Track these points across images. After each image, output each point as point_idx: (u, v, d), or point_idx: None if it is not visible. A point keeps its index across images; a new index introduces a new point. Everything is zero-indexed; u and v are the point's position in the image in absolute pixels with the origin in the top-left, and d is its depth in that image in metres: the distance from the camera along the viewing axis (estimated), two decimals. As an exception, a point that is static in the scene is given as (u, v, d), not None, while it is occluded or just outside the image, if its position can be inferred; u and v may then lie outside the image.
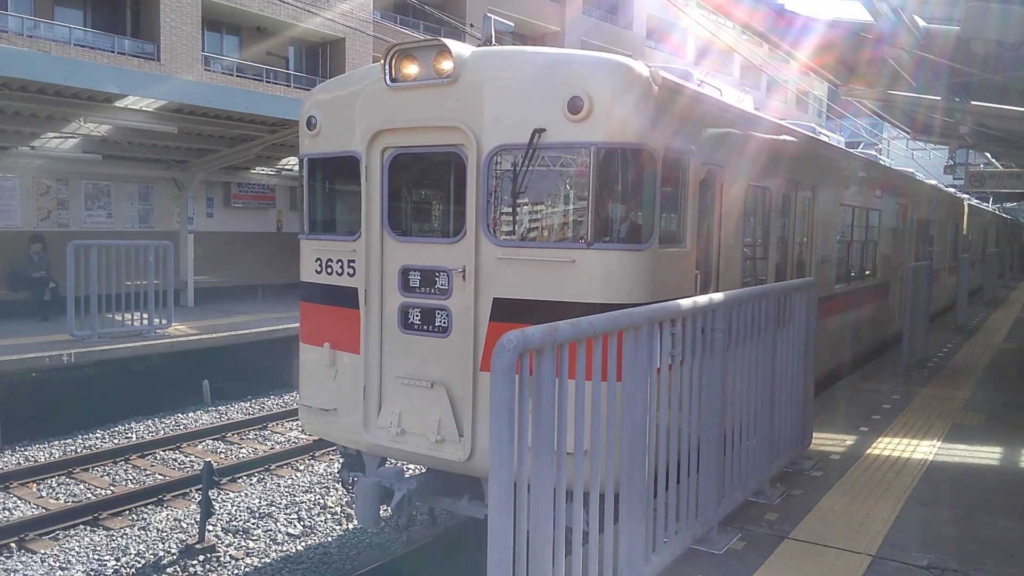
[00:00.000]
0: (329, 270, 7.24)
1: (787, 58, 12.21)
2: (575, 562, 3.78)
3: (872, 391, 10.38)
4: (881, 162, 17.09)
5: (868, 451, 7.53)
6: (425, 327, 6.68)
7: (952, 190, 23.51)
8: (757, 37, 10.83)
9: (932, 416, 9.02)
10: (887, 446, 7.73)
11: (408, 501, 6.76)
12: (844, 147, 12.99)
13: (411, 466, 8.62)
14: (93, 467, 10.79)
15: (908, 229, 15.84)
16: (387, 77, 6.58)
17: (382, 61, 6.58)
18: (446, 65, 6.33)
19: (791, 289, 6.37)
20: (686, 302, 4.72)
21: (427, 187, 7.53)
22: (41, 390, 12.31)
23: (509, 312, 6.21)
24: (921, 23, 8.92)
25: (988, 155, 23.37)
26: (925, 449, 7.64)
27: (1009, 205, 45.13)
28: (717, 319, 4.99)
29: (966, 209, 23.98)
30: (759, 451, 5.89)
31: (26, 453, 11.33)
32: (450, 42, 6.34)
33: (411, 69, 6.50)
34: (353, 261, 7.00)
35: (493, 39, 7.07)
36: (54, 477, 10.38)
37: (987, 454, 7.65)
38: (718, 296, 5.10)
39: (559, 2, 42.42)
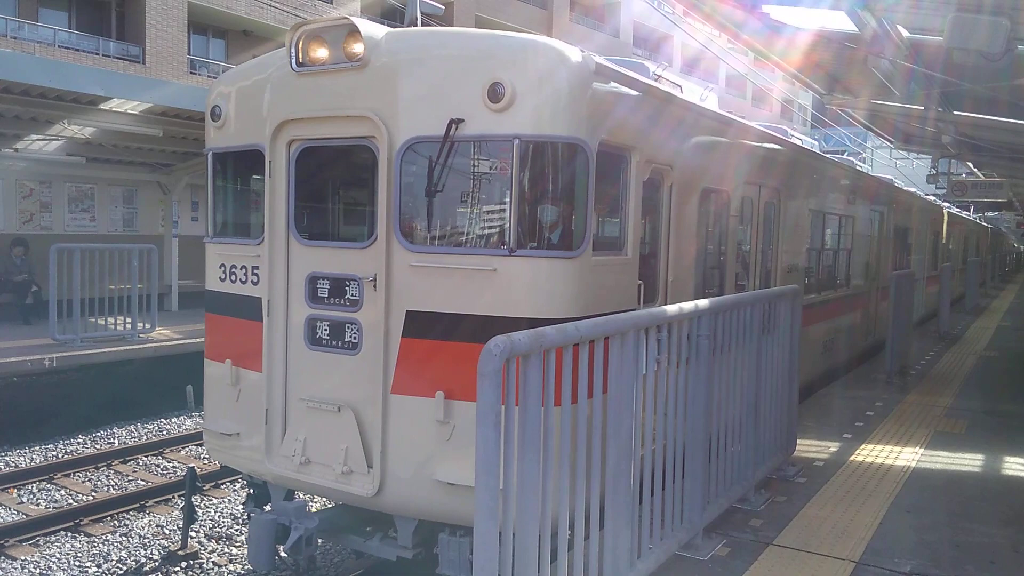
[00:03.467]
0: (233, 278, 6.56)
1: (772, 67, 12.28)
2: (560, 567, 3.78)
3: (856, 398, 10.44)
4: (857, 167, 16.79)
5: (852, 458, 7.57)
6: (334, 343, 6.02)
7: (932, 198, 23.65)
8: (745, 47, 10.89)
9: (915, 423, 9.08)
10: (870, 453, 7.77)
11: (307, 541, 6.03)
12: (818, 151, 12.71)
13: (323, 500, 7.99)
14: (75, 472, 10.68)
15: (886, 237, 15.56)
16: (293, 61, 5.97)
17: (287, 43, 5.97)
18: (356, 48, 5.71)
19: (776, 296, 6.40)
20: (672, 308, 4.74)
21: (338, 185, 6.85)
22: (22, 394, 12.18)
23: (424, 326, 5.61)
24: (906, 33, 9.00)
25: (970, 165, 23.60)
26: (908, 456, 7.69)
27: (991, 214, 45.57)
28: (702, 326, 5.00)
29: (946, 217, 23.96)
30: (744, 457, 5.91)
31: (7, 458, 11.21)
32: (360, 22, 5.71)
33: (320, 52, 5.89)
34: (257, 268, 6.33)
35: (419, 22, 6.49)
36: (35, 483, 10.27)
37: (969, 461, 7.71)
38: (703, 303, 5.12)
39: (547, 10, 42.58)
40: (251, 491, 7.05)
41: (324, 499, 7.74)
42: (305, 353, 6.16)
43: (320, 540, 6.38)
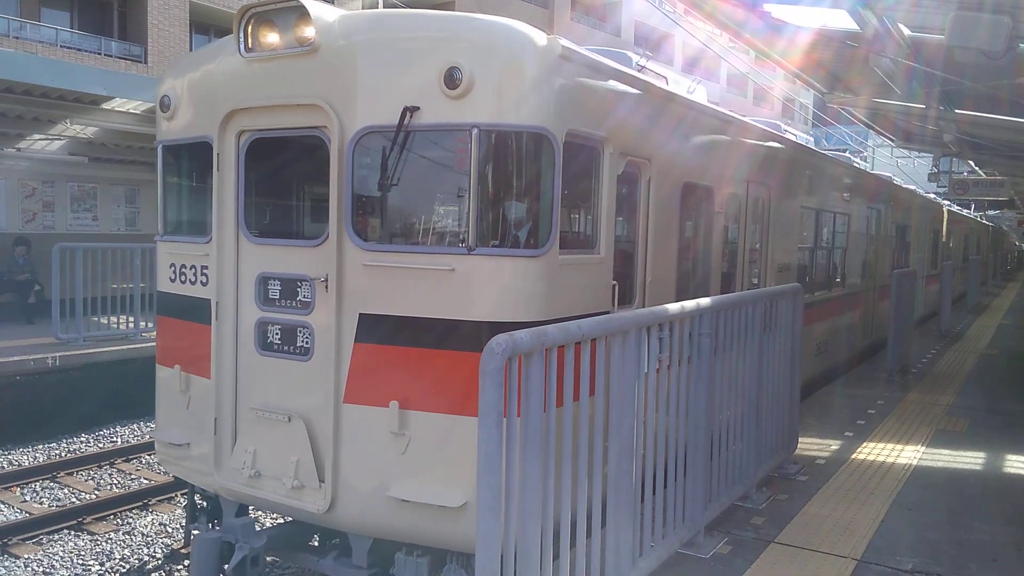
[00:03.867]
0: (183, 278, 6.22)
1: (774, 65, 12.29)
2: (563, 566, 3.79)
3: (857, 396, 10.45)
4: (854, 164, 16.38)
5: (853, 456, 7.57)
6: (286, 348, 5.67)
7: (933, 196, 23.52)
8: (747, 45, 10.89)
9: (916, 421, 9.08)
10: (872, 451, 7.78)
11: (253, 561, 5.69)
12: (812, 147, 12.19)
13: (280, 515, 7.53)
14: (78, 471, 10.70)
15: (884, 236, 15.23)
16: (241, 46, 5.62)
17: (234, 27, 5.64)
18: (307, 32, 5.37)
19: (778, 295, 6.40)
20: (674, 307, 4.74)
21: (290, 178, 6.52)
22: (25, 393, 12.19)
23: (378, 331, 5.26)
24: (907, 32, 9.00)
25: (971, 163, 23.59)
26: (909, 454, 7.70)
27: (992, 213, 45.53)
28: (704, 324, 5.01)
29: (945, 215, 23.72)
30: (746, 455, 5.92)
31: (10, 457, 11.23)
32: (312, 3, 5.37)
33: (271, 37, 5.55)
34: (207, 268, 5.97)
35: (380, 3, 6.25)
36: (38, 481, 10.29)
37: (971, 459, 7.72)
38: (705, 301, 5.13)
39: (548, 9, 42.56)
40: (204, 505, 6.69)
41: (277, 515, 7.39)
42: (256, 359, 5.80)
43: (270, 559, 6.00)
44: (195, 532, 6.31)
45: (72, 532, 8.87)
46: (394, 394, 5.17)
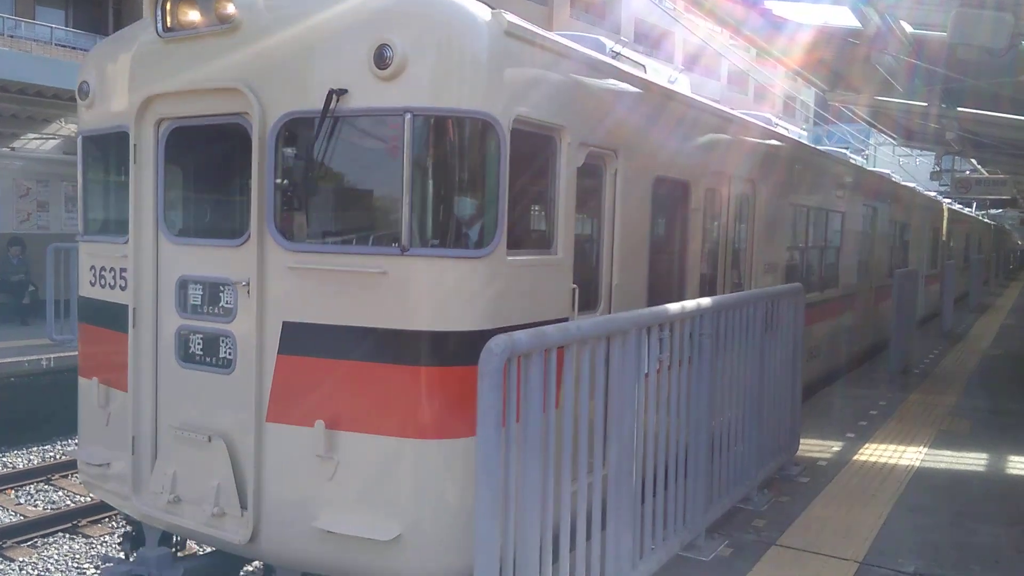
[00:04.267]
0: (103, 281, 5.74)
1: (775, 63, 12.24)
2: (562, 568, 3.73)
3: (859, 397, 10.38)
4: (851, 160, 15.71)
5: (855, 457, 7.51)
6: (208, 359, 5.15)
7: (933, 194, 23.35)
8: (747, 43, 10.84)
9: (919, 422, 9.02)
10: (874, 452, 7.71)
11: None
12: (804, 142, 11.76)
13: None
14: (72, 474, 10.62)
15: (881, 235, 14.75)
16: (158, 25, 5.15)
17: (151, 4, 5.18)
18: (228, 8, 4.92)
19: (779, 295, 6.34)
20: (675, 307, 4.68)
21: (213, 171, 5.94)
22: (19, 395, 12.13)
23: (303, 341, 4.75)
24: (909, 29, 8.94)
25: (974, 161, 23.56)
26: (912, 455, 7.64)
27: (994, 211, 45.53)
28: (705, 324, 4.95)
29: (946, 214, 23.41)
30: (747, 457, 5.86)
31: (4, 459, 11.17)
32: None
33: (191, 15, 5.08)
34: (125, 270, 5.48)
35: None
36: (33, 484, 10.24)
37: (974, 460, 7.65)
38: (706, 301, 5.06)
39: (547, 6, 42.53)
40: (129, 530, 6.19)
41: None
42: (176, 371, 5.27)
43: None
44: (103, 564, 5.85)
45: (67, 535, 8.81)
46: (320, 412, 4.67)
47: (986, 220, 40.67)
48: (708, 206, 7.56)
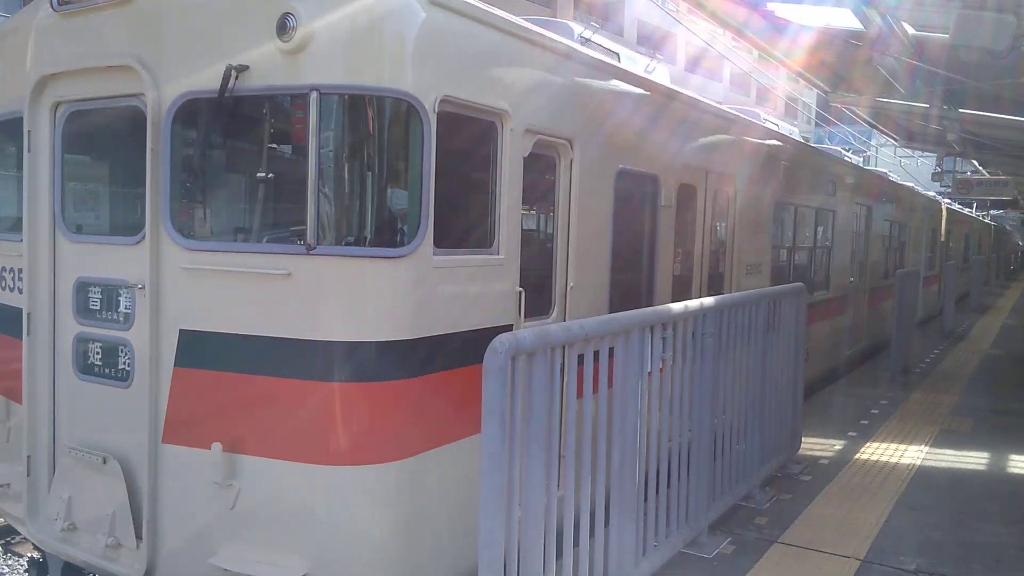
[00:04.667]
0: (2, 284, 5.26)
1: (777, 65, 12.28)
2: (565, 565, 3.78)
3: (860, 396, 10.42)
4: (846, 158, 15.21)
5: (857, 456, 7.55)
6: (106, 371, 4.61)
7: (933, 194, 23.11)
8: (750, 45, 10.88)
9: (920, 421, 9.05)
10: (875, 451, 7.75)
11: None
12: (795, 137, 11.27)
13: None
14: None
15: (876, 235, 14.20)
16: None
17: None
18: None
19: (781, 295, 6.38)
20: (677, 306, 4.72)
21: (113, 160, 5.38)
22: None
23: (202, 352, 4.25)
24: (911, 30, 8.98)
25: (975, 163, 23.57)
26: (913, 454, 7.67)
27: (995, 212, 45.51)
28: (708, 324, 5.00)
29: (945, 214, 22.89)
30: (749, 455, 5.90)
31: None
32: None
33: None
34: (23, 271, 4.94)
35: None
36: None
37: (975, 459, 7.69)
38: (709, 300, 5.11)
39: (551, 8, 42.53)
40: (36, 556, 5.61)
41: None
42: (74, 383, 4.74)
43: None
44: None
45: None
46: (219, 433, 4.16)
47: (986, 221, 40.57)
48: (682, 203, 7.00)
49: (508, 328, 4.71)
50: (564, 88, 5.34)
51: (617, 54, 6.71)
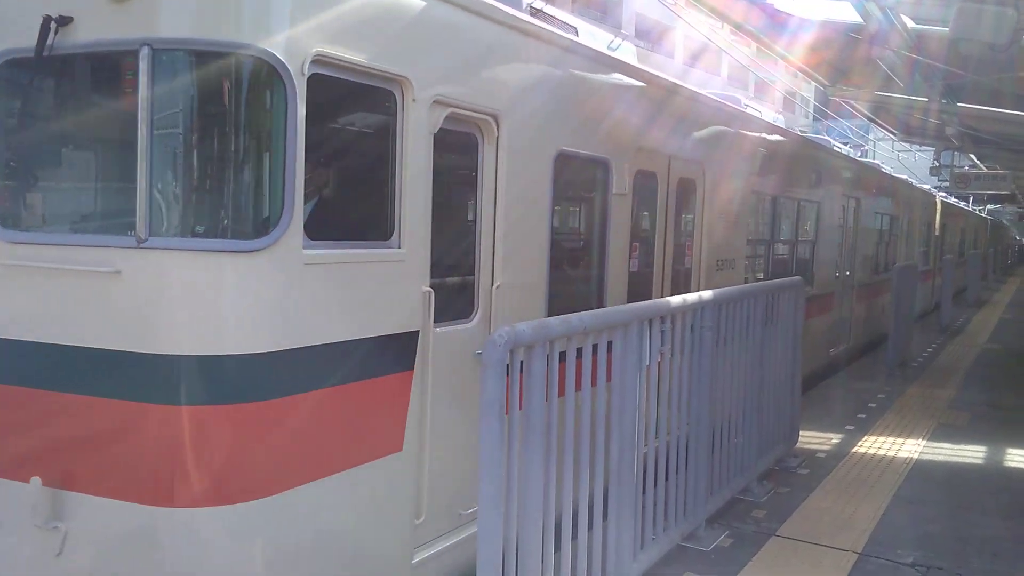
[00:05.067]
0: None
1: (776, 59, 12.27)
2: (564, 559, 3.78)
3: (858, 390, 10.44)
4: (834, 148, 14.37)
5: (854, 449, 7.56)
6: None
7: (927, 187, 22.76)
8: (749, 38, 10.86)
9: (917, 415, 9.07)
10: (873, 444, 7.77)
11: None
12: (772, 122, 10.15)
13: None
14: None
15: (864, 229, 13.41)
16: None
17: None
18: None
19: (779, 288, 6.38)
20: (676, 300, 4.71)
21: None
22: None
23: (19, 365, 3.60)
24: (911, 24, 8.97)
25: (973, 157, 23.59)
26: (911, 448, 7.69)
27: (992, 207, 45.57)
28: (706, 317, 5.00)
29: (939, 207, 21.99)
30: (746, 449, 5.91)
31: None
32: None
33: None
34: None
35: None
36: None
37: (972, 453, 7.70)
38: (707, 294, 5.11)
39: (549, 2, 42.36)
40: None
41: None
42: None
43: None
44: None
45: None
46: (41, 466, 3.51)
47: (982, 215, 40.47)
48: (639, 192, 6.32)
49: (413, 335, 4.07)
50: (488, 56, 4.55)
51: (575, 28, 6.13)
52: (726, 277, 7.94)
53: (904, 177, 19.18)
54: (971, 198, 34.97)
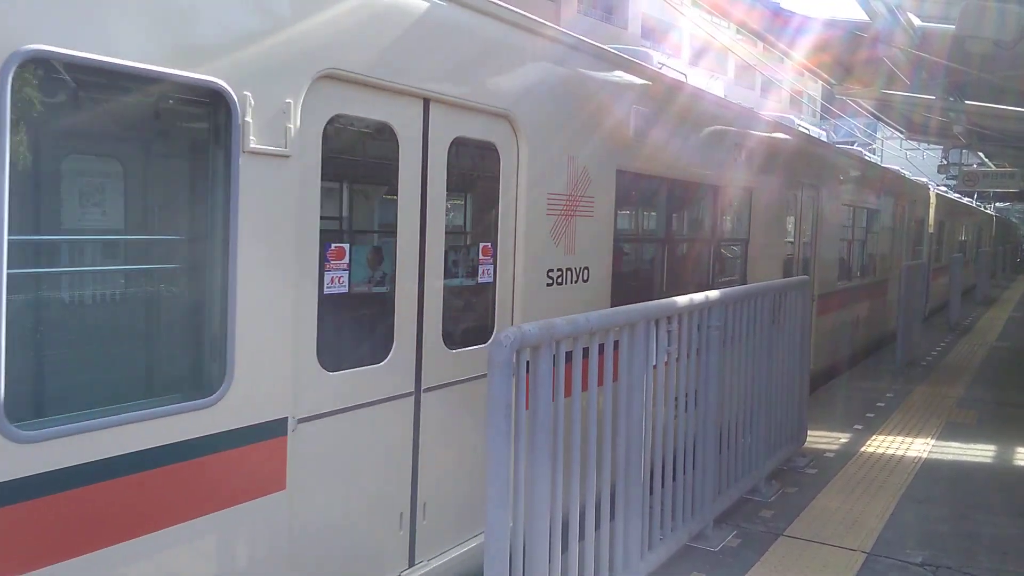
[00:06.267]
0: None
1: (782, 57, 12.25)
2: (571, 558, 3.78)
3: (866, 389, 10.41)
4: (820, 139, 13.16)
5: (863, 449, 7.54)
6: None
7: (924, 179, 22.09)
8: (754, 36, 10.84)
9: (926, 414, 9.04)
10: (881, 444, 7.75)
11: None
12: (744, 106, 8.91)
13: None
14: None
15: (844, 227, 12.30)
16: None
17: None
18: None
19: (786, 287, 6.37)
20: (683, 299, 4.71)
21: None
22: None
23: None
24: (917, 22, 8.95)
25: (981, 155, 23.49)
26: (919, 447, 7.66)
27: (1000, 205, 45.39)
28: (713, 317, 4.99)
29: (934, 202, 20.32)
30: (754, 448, 5.91)
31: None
32: None
33: None
34: None
35: None
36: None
37: (981, 452, 7.67)
38: (714, 293, 5.11)
39: (555, 2, 42.44)
40: None
41: None
42: None
43: None
44: None
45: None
46: None
47: (989, 212, 40.00)
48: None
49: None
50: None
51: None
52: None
53: (896, 168, 17.39)
54: (975, 195, 34.82)
